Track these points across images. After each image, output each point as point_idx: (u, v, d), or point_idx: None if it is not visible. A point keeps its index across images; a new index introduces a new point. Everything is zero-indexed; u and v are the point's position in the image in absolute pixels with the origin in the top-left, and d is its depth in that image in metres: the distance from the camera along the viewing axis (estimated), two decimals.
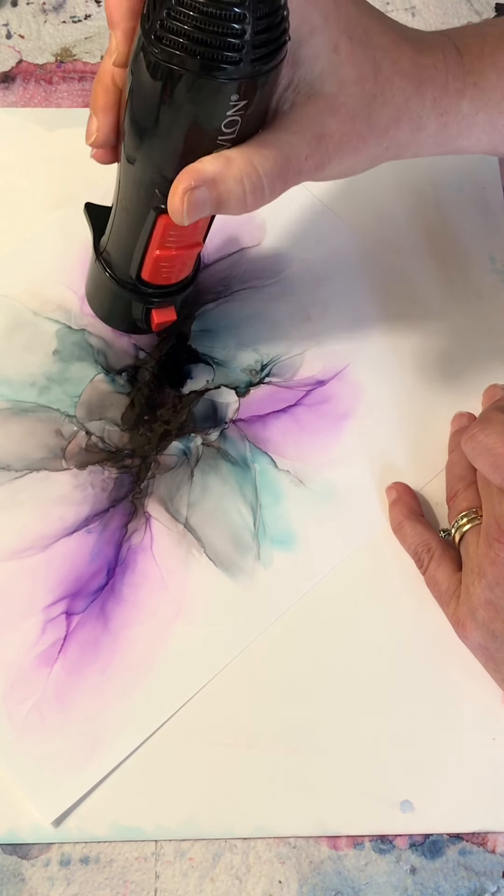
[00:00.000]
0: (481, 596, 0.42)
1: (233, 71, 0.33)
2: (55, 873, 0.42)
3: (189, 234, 0.41)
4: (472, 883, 0.43)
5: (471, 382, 0.52)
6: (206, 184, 0.35)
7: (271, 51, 0.33)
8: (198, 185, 0.35)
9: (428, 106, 0.39)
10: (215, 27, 0.32)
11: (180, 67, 0.33)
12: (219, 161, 0.35)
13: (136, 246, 0.42)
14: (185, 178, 0.36)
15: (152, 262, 0.43)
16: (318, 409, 0.51)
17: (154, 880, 0.42)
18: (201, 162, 0.36)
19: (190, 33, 0.32)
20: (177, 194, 0.36)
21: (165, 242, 0.41)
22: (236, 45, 0.32)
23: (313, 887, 0.42)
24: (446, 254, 0.56)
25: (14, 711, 0.44)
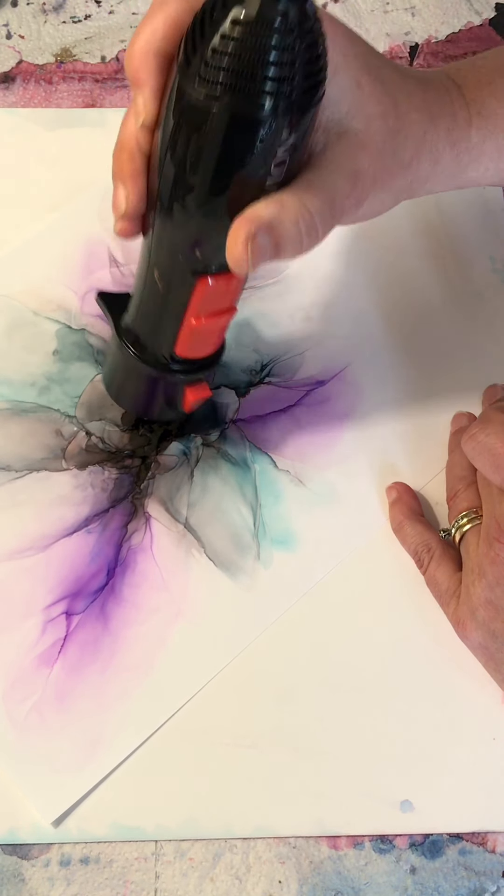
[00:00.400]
0: (481, 596, 0.42)
1: (286, 105, 0.31)
2: (55, 873, 0.42)
3: (226, 297, 0.40)
4: (472, 883, 0.43)
5: (470, 382, 0.52)
6: (264, 229, 0.34)
7: (318, 81, 0.32)
8: (258, 230, 0.34)
9: (442, 137, 0.40)
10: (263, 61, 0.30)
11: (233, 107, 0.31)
12: (273, 205, 0.34)
13: (170, 319, 0.40)
14: (244, 226, 0.34)
15: (189, 334, 0.41)
16: (318, 409, 0.51)
17: (154, 880, 0.42)
18: (254, 209, 0.34)
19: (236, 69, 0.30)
20: (238, 243, 0.34)
21: (203, 309, 0.40)
22: (288, 77, 0.31)
23: (313, 887, 0.43)
24: (446, 254, 0.56)
25: (14, 711, 0.44)
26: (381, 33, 0.63)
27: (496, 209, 0.57)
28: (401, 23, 0.63)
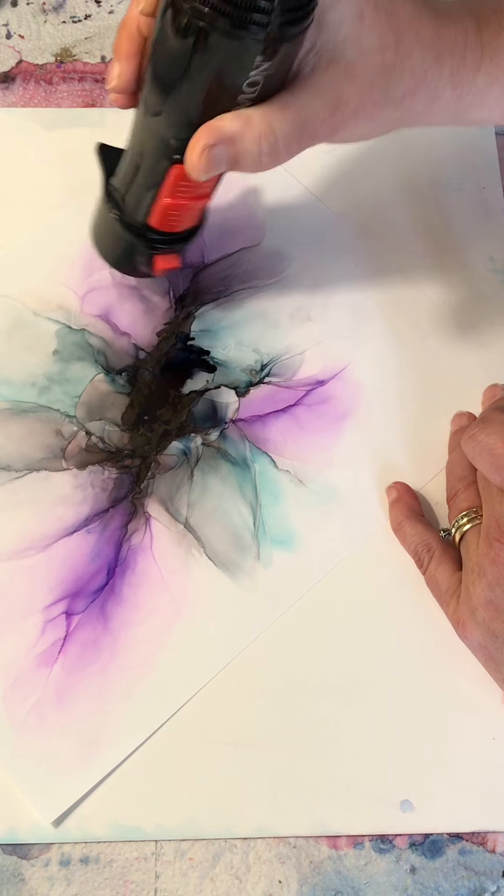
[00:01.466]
0: (481, 596, 0.42)
1: (260, 32, 0.33)
2: (55, 873, 0.42)
3: (199, 186, 0.42)
4: (472, 883, 0.43)
5: (470, 382, 0.52)
6: (224, 142, 0.36)
7: (300, 16, 0.34)
8: (217, 142, 0.36)
9: (445, 78, 0.40)
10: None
11: (209, 25, 0.34)
12: (238, 120, 0.36)
13: (146, 192, 0.43)
14: (204, 135, 0.36)
15: (161, 210, 0.43)
16: (318, 409, 0.51)
17: (154, 880, 0.42)
18: (221, 119, 0.36)
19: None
20: (195, 150, 0.37)
21: (176, 192, 0.42)
22: (266, 8, 0.33)
23: (313, 887, 0.42)
24: (446, 254, 0.56)
25: (14, 711, 0.44)
26: None
27: (496, 209, 0.57)
28: None
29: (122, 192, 0.45)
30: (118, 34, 0.39)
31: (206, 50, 0.35)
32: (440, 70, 0.39)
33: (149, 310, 0.53)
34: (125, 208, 0.45)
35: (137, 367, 0.51)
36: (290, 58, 0.36)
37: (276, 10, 0.33)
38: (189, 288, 0.54)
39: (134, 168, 0.43)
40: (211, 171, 0.37)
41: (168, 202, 0.43)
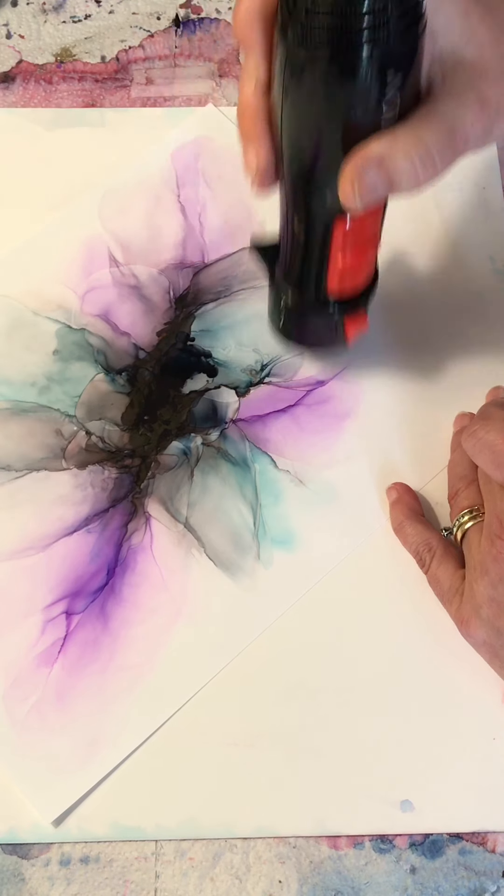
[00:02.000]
0: (484, 593, 0.42)
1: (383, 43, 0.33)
2: (55, 873, 0.42)
3: (364, 231, 0.41)
4: (472, 883, 0.43)
5: (471, 383, 0.52)
6: (373, 164, 0.35)
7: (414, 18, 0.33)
8: (365, 165, 0.35)
9: None
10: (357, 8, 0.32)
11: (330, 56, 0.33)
12: (384, 140, 0.35)
13: (317, 262, 0.42)
14: (352, 163, 0.35)
15: (337, 273, 0.43)
16: (318, 409, 0.51)
17: (154, 880, 0.42)
18: (366, 144, 0.35)
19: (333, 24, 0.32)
20: (346, 181, 0.36)
21: (346, 247, 0.41)
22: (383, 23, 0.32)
23: (313, 887, 0.42)
24: (446, 254, 0.56)
25: (14, 711, 0.44)
26: None
27: (496, 209, 0.57)
28: None
29: (291, 275, 0.44)
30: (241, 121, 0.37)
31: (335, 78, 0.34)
32: None
33: (149, 310, 0.53)
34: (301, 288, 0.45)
35: (137, 367, 0.51)
36: (418, 66, 0.35)
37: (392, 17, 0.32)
38: (189, 288, 0.54)
39: (297, 244, 0.42)
40: (367, 198, 0.36)
41: (341, 262, 0.42)
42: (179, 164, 0.57)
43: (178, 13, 0.62)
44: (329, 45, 0.33)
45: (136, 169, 0.56)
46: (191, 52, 0.60)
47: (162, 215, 0.55)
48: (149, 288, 0.53)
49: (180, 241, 0.54)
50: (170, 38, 0.61)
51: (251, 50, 0.36)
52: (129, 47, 0.60)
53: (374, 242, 0.43)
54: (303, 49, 0.33)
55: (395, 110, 0.35)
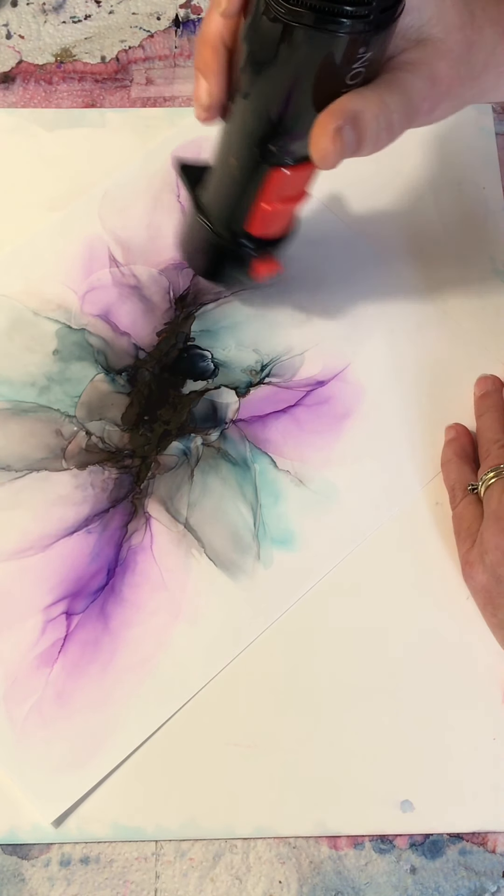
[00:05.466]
0: (492, 541, 0.44)
1: (363, 26, 0.33)
2: (55, 873, 0.42)
3: (296, 186, 0.42)
4: (472, 883, 0.43)
5: (470, 383, 0.52)
6: (351, 121, 0.36)
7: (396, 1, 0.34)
8: (345, 122, 0.35)
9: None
10: None
11: (310, 26, 0.33)
12: (357, 98, 0.36)
13: (244, 201, 0.43)
14: (331, 118, 0.36)
15: (260, 216, 0.43)
16: (318, 410, 0.51)
17: (154, 880, 0.42)
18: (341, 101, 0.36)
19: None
20: (327, 134, 0.36)
21: (275, 196, 0.42)
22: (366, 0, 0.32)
23: (313, 887, 0.42)
24: (446, 254, 0.56)
25: (14, 711, 0.44)
26: None
27: (496, 209, 0.57)
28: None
29: (215, 204, 0.45)
30: (200, 50, 0.38)
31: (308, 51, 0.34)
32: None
33: (149, 310, 0.53)
34: (220, 220, 0.45)
35: (137, 367, 0.51)
36: (387, 44, 0.36)
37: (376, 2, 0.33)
38: (189, 288, 0.54)
39: (226, 180, 0.43)
40: (342, 157, 0.37)
41: (267, 208, 0.42)
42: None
43: (178, 13, 0.62)
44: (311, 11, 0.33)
45: (136, 169, 0.56)
46: (191, 52, 0.60)
47: (162, 215, 0.55)
48: (149, 288, 0.53)
49: None
50: (170, 38, 0.61)
51: None
52: (129, 47, 0.60)
53: (303, 197, 0.44)
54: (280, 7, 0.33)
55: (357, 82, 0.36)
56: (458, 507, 0.47)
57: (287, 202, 0.43)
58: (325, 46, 0.34)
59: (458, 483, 0.48)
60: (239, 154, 0.41)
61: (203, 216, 0.46)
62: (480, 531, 0.45)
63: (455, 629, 0.46)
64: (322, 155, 0.37)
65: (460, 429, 0.50)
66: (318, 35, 0.33)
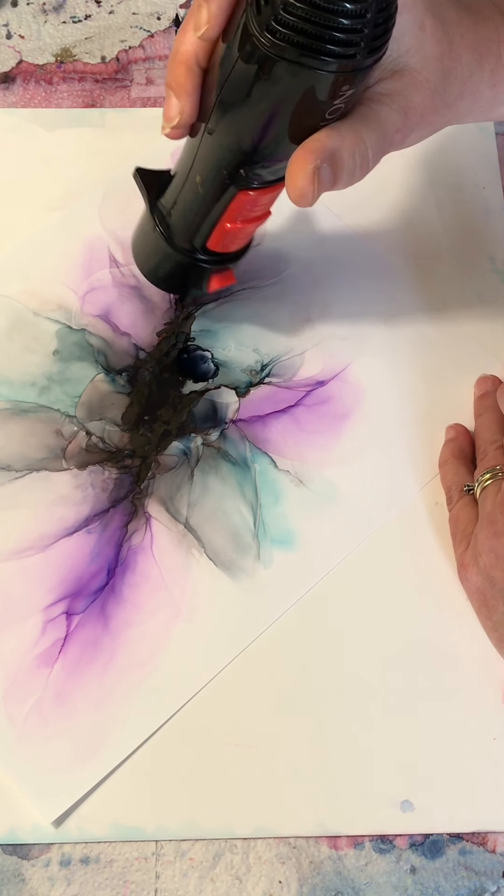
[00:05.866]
0: (486, 543, 0.44)
1: (349, 65, 0.32)
2: (55, 873, 0.42)
3: (261, 207, 0.41)
4: (472, 883, 0.43)
5: (470, 382, 0.52)
6: (328, 159, 0.35)
7: (385, 41, 0.33)
8: (323, 161, 0.35)
9: (486, 78, 0.40)
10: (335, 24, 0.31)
11: (294, 62, 0.32)
12: (333, 135, 0.35)
13: (205, 218, 0.42)
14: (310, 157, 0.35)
15: (221, 234, 0.43)
16: (318, 410, 0.51)
17: (154, 880, 0.42)
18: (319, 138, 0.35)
19: (308, 30, 0.31)
20: (305, 173, 0.35)
21: (238, 217, 0.41)
22: (355, 41, 0.32)
23: (313, 887, 0.42)
24: (446, 254, 0.56)
25: (14, 711, 0.44)
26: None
27: (496, 209, 0.57)
28: None
29: (174, 217, 0.44)
30: (173, 69, 0.37)
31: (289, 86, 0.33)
32: (482, 71, 0.40)
33: (149, 310, 0.53)
34: (178, 232, 0.44)
35: (137, 367, 0.51)
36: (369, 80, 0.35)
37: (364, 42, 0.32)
38: None
39: (190, 196, 0.42)
40: (320, 194, 0.36)
41: (229, 227, 0.42)
42: None
43: (178, 13, 0.62)
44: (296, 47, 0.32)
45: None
46: None
47: None
48: (149, 288, 0.53)
49: None
50: (170, 38, 0.61)
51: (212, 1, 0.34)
52: (129, 47, 0.60)
53: (267, 216, 0.43)
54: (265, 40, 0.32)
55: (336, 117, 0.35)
56: (454, 509, 0.47)
57: (251, 222, 0.43)
58: (308, 83, 0.33)
59: (454, 484, 0.48)
60: (205, 174, 0.40)
61: (161, 228, 0.45)
62: (475, 533, 0.45)
63: (455, 629, 0.46)
64: (300, 194, 0.36)
65: (460, 429, 0.50)
66: (302, 71, 0.32)
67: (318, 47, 0.32)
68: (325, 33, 0.31)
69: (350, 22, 0.31)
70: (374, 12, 0.31)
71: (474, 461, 0.49)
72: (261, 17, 0.32)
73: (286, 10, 0.31)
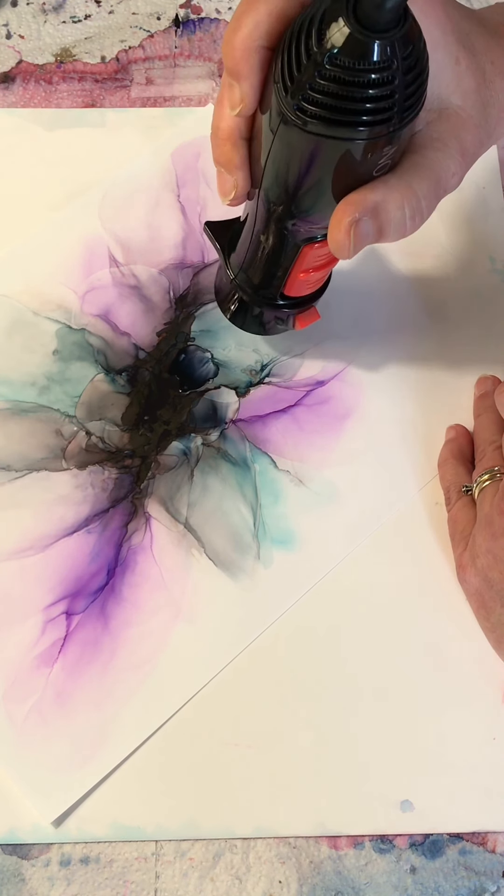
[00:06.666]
0: (483, 545, 0.44)
1: (383, 129, 0.32)
2: (55, 873, 0.42)
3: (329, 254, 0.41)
4: (472, 883, 0.43)
5: (470, 383, 0.52)
6: (369, 213, 0.34)
7: (418, 99, 0.32)
8: (361, 215, 0.34)
9: None
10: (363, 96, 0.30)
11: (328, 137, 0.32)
12: (379, 188, 0.34)
13: (277, 272, 0.42)
14: (348, 211, 0.34)
15: (295, 282, 0.43)
16: (318, 410, 0.51)
17: (154, 880, 0.42)
18: (362, 192, 0.34)
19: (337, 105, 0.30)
20: (341, 228, 0.35)
21: (309, 267, 0.42)
22: (387, 107, 0.31)
23: (313, 887, 0.42)
24: (446, 254, 0.56)
25: (14, 711, 0.44)
26: None
27: (496, 209, 0.57)
28: None
29: (248, 271, 0.44)
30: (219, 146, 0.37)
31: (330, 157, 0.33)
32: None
33: (149, 310, 0.53)
34: (255, 284, 0.44)
35: (137, 367, 0.51)
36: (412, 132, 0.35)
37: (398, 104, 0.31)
38: (189, 288, 0.54)
39: (260, 252, 0.42)
40: (359, 247, 0.35)
41: (301, 276, 0.42)
42: (179, 164, 0.57)
43: (178, 13, 0.62)
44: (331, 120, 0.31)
45: (136, 169, 0.56)
46: (191, 53, 0.60)
47: (162, 215, 0.55)
48: (149, 288, 0.53)
49: (180, 241, 0.54)
50: (170, 38, 0.61)
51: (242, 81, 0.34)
52: (129, 47, 0.60)
53: (334, 261, 0.43)
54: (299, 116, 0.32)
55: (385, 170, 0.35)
56: (453, 510, 0.47)
57: (322, 268, 0.42)
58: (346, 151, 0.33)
59: (452, 485, 0.48)
60: (268, 233, 0.40)
61: (238, 281, 0.45)
62: (473, 534, 0.45)
63: (455, 629, 0.46)
64: (337, 247, 0.36)
65: (460, 429, 0.50)
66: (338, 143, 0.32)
67: (350, 120, 0.31)
68: (354, 106, 0.31)
69: (378, 91, 0.30)
70: (402, 75, 0.30)
71: (474, 462, 0.49)
72: (289, 98, 0.32)
73: (313, 90, 0.31)
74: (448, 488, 0.48)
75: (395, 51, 0.29)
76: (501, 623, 0.44)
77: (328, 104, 0.31)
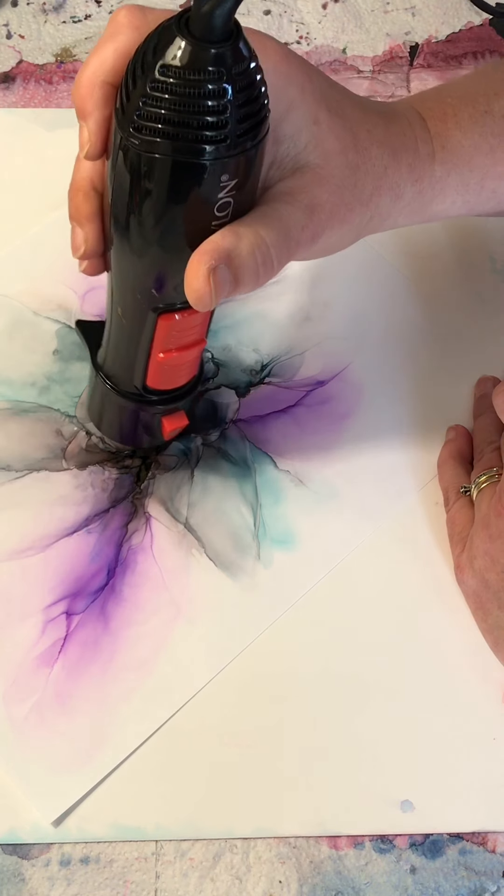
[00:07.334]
0: (480, 546, 0.44)
1: (221, 150, 0.31)
2: (55, 873, 0.42)
3: (190, 331, 0.40)
4: (472, 883, 0.43)
5: (470, 383, 0.52)
6: (224, 259, 0.33)
7: (256, 123, 0.32)
8: (217, 261, 0.33)
9: (404, 173, 0.39)
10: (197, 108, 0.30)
11: (164, 155, 0.31)
12: (228, 234, 0.33)
13: (137, 354, 0.41)
14: (204, 259, 0.33)
15: (157, 368, 0.41)
16: (318, 410, 0.51)
17: (154, 880, 0.42)
18: (212, 240, 0.33)
19: (172, 118, 0.30)
20: (199, 277, 0.33)
21: (168, 344, 0.39)
22: (220, 123, 0.30)
23: (313, 887, 0.42)
24: (446, 254, 0.56)
25: (14, 711, 0.44)
26: (381, 33, 0.63)
27: None
28: (401, 23, 0.63)
29: (112, 361, 0.43)
30: (71, 198, 0.36)
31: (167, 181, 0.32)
32: (398, 165, 0.39)
33: None
34: (119, 377, 0.43)
35: None
36: (257, 171, 0.34)
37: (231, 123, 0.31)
38: None
39: (118, 333, 0.41)
40: (220, 296, 0.34)
41: (162, 358, 0.40)
42: None
43: None
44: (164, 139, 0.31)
45: None
46: None
47: None
48: None
49: None
50: None
51: (87, 119, 0.33)
52: None
53: (199, 343, 0.41)
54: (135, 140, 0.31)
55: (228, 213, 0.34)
56: (451, 511, 0.47)
57: (184, 349, 0.40)
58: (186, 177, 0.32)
59: (451, 485, 0.48)
60: (124, 304, 0.39)
61: (103, 375, 0.43)
62: (470, 535, 0.45)
63: (454, 629, 0.46)
64: (197, 297, 0.34)
65: (460, 430, 0.50)
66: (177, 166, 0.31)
67: (186, 134, 0.31)
68: (188, 118, 0.30)
69: (211, 103, 0.30)
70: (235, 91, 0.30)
71: (473, 462, 0.49)
72: (126, 117, 0.31)
73: (146, 103, 0.30)
74: (447, 489, 0.48)
75: (225, 61, 0.29)
76: (499, 625, 0.44)
77: (164, 117, 0.30)
